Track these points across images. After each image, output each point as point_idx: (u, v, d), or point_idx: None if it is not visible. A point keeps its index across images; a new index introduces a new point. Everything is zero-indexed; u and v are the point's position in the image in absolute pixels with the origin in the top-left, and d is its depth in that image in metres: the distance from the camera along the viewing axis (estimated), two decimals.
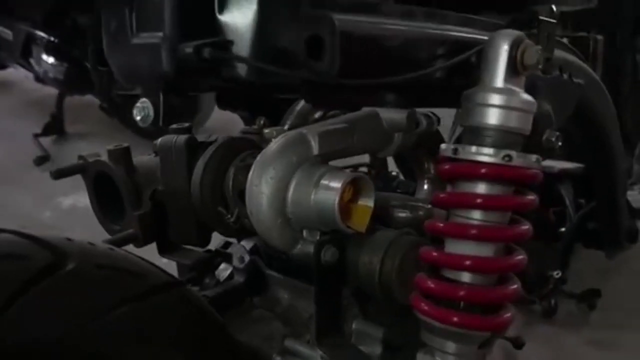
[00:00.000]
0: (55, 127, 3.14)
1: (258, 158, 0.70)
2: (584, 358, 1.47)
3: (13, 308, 0.47)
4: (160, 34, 0.50)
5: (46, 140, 3.09)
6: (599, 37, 1.28)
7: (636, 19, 1.72)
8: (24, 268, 0.50)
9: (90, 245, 0.58)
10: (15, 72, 3.53)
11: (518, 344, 1.28)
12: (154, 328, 0.57)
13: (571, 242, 1.51)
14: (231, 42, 0.51)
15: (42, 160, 2.79)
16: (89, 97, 3.13)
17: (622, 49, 1.76)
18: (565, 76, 0.78)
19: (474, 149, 0.56)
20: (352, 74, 0.50)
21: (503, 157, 0.55)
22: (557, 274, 1.46)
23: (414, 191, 0.95)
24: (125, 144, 0.85)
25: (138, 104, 0.56)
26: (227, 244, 1.01)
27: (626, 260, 1.70)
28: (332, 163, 0.76)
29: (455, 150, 0.57)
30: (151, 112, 0.55)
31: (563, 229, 1.52)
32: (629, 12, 1.72)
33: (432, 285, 0.59)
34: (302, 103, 0.94)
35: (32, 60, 2.91)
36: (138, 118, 0.56)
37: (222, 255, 0.99)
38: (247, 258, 0.94)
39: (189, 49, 0.48)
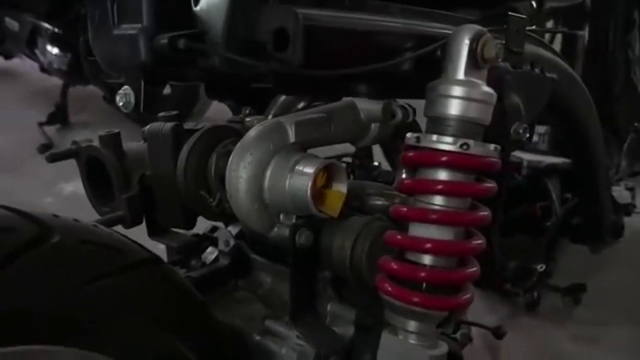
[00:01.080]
0: (59, 116, 3.19)
1: (237, 145, 0.73)
2: (566, 352, 1.51)
3: (0, 275, 0.51)
4: (139, 25, 0.54)
5: (50, 129, 3.14)
6: (580, 33, 1.30)
7: (627, 16, 1.74)
8: (11, 239, 0.54)
9: (75, 221, 0.61)
10: (21, 63, 3.59)
11: (499, 333, 1.31)
12: (132, 301, 0.61)
13: (556, 236, 1.54)
14: (205, 34, 0.55)
15: (45, 148, 2.84)
16: (92, 88, 3.17)
17: (614, 46, 1.78)
18: (537, 70, 0.82)
19: (434, 137, 0.60)
20: (315, 65, 0.53)
21: (461, 146, 0.58)
22: (540, 267, 1.49)
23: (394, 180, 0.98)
24: (116, 130, 0.89)
25: (120, 91, 0.59)
26: (214, 229, 1.06)
27: (614, 255, 1.73)
28: (318, 152, 0.80)
29: (418, 139, 0.61)
30: (132, 99, 0.58)
31: (549, 223, 1.55)
32: (621, 10, 1.74)
33: (395, 267, 0.62)
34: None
35: (37, 51, 2.96)
36: (120, 104, 0.60)
37: (209, 239, 1.03)
38: (232, 242, 0.98)
39: (164, 40, 0.52)
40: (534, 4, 1.00)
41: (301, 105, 0.97)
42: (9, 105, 3.54)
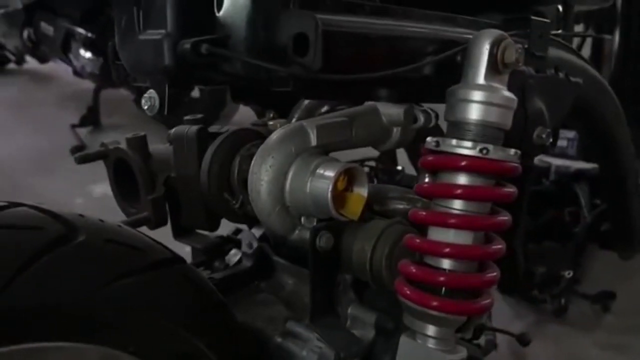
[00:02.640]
0: (91, 118, 3.27)
1: (260, 148, 0.74)
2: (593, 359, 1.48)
3: (27, 272, 0.53)
4: (163, 31, 0.55)
5: (82, 131, 3.22)
6: (608, 37, 1.28)
7: None
8: (39, 237, 0.56)
9: (100, 221, 0.63)
10: (56, 66, 3.68)
11: (524, 340, 1.30)
12: (155, 300, 0.62)
13: (584, 242, 1.52)
14: (227, 39, 0.56)
15: (77, 149, 2.91)
16: (123, 91, 3.24)
17: None
18: (561, 75, 0.81)
19: (454, 142, 0.60)
20: (335, 69, 0.54)
21: (480, 150, 0.58)
22: (568, 273, 1.47)
23: None
24: (142, 133, 0.91)
25: (145, 95, 0.61)
26: (238, 231, 1.07)
27: None
28: (342, 156, 0.80)
29: (437, 143, 0.61)
30: (157, 103, 0.60)
31: (577, 229, 1.53)
32: None
33: (414, 271, 0.62)
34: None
35: (70, 55, 3.04)
36: (145, 107, 0.61)
37: (233, 241, 1.04)
38: (255, 244, 1.00)
39: (187, 45, 0.53)
40: (560, 8, 0.99)
41: (324, 109, 0.98)
42: (43, 107, 3.64)
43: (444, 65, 0.65)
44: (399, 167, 1.07)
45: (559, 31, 1.01)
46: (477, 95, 0.59)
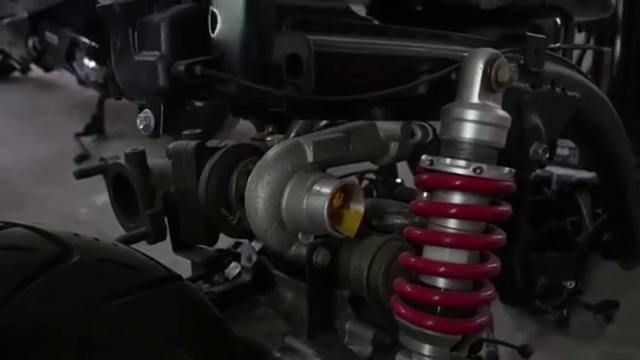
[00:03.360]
0: (95, 127, 3.29)
1: (256, 165, 0.75)
2: None
3: (22, 293, 0.53)
4: (157, 52, 0.55)
5: (87, 140, 3.24)
6: (607, 49, 1.28)
7: None
8: (33, 258, 0.56)
9: (95, 240, 0.63)
10: (61, 75, 3.70)
11: (526, 352, 1.29)
12: (150, 318, 0.63)
13: (586, 252, 1.51)
14: (221, 60, 0.56)
15: (81, 158, 2.93)
16: (128, 100, 3.26)
17: None
18: (558, 90, 0.81)
19: (448, 161, 0.60)
20: (329, 90, 0.54)
21: (474, 170, 0.58)
22: (570, 284, 1.46)
23: None
24: (141, 148, 0.91)
25: (141, 115, 0.61)
26: (237, 244, 1.07)
27: None
28: (338, 171, 0.80)
29: (431, 162, 0.61)
30: (152, 123, 0.60)
31: (579, 239, 1.52)
32: None
33: (409, 289, 0.62)
34: None
35: (75, 64, 3.06)
36: (140, 127, 0.62)
37: (232, 254, 1.04)
38: (254, 258, 1.00)
39: (181, 66, 0.54)
40: (559, 21, 0.99)
41: (323, 123, 0.98)
42: (48, 116, 3.66)
43: (438, 83, 0.65)
44: (399, 180, 1.07)
45: (558, 44, 1.01)
46: (471, 114, 0.59)
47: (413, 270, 0.63)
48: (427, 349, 0.62)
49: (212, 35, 0.57)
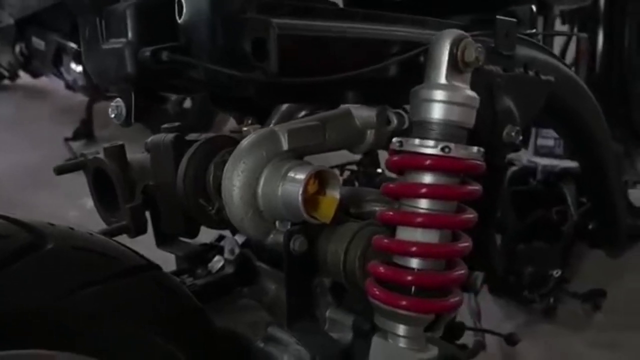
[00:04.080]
0: (84, 131, 3.28)
1: (232, 154, 0.75)
2: (584, 358, 1.48)
3: None
4: (124, 39, 0.56)
5: (76, 144, 3.23)
6: (583, 35, 1.29)
7: None
8: (6, 245, 0.56)
9: (70, 229, 0.64)
10: (49, 81, 3.70)
11: (512, 341, 1.30)
12: (126, 306, 0.63)
13: (572, 241, 1.52)
14: (188, 46, 0.57)
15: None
16: None
17: (630, 48, 1.76)
18: (531, 73, 0.81)
19: (417, 141, 0.60)
20: (294, 73, 0.55)
21: (442, 149, 0.59)
22: (556, 273, 1.47)
23: None
24: (120, 142, 0.92)
25: (112, 103, 0.62)
26: (221, 238, 1.08)
27: (636, 260, 1.69)
28: (323, 161, 0.80)
29: (401, 143, 0.62)
30: (124, 111, 0.61)
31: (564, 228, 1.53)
32: (636, 11, 1.71)
33: (382, 271, 0.63)
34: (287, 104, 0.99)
35: (62, 69, 3.06)
36: (112, 116, 0.62)
37: (216, 247, 1.05)
38: (237, 250, 1.00)
39: (147, 52, 0.54)
40: (534, 8, 1.00)
41: (302, 114, 0.99)
42: (37, 121, 3.65)
43: (408, 66, 0.66)
44: (379, 170, 1.07)
45: (533, 30, 1.02)
46: (439, 94, 0.60)
47: (386, 252, 0.64)
48: (401, 329, 0.62)
49: (179, 22, 0.57)
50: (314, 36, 0.57)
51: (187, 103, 2.84)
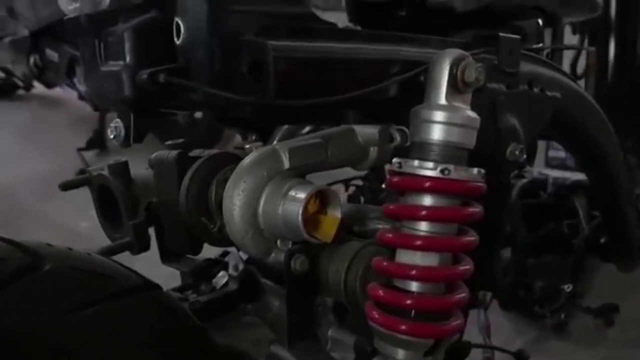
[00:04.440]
0: (97, 142, 3.31)
1: (233, 172, 0.75)
2: None
3: None
4: (122, 62, 0.56)
5: (89, 154, 3.26)
6: (591, 48, 1.27)
7: None
8: (3, 267, 0.56)
9: (68, 250, 0.64)
10: (63, 91, 3.74)
11: (522, 357, 1.28)
12: (124, 327, 0.62)
13: (583, 255, 1.49)
14: (186, 68, 0.57)
15: (83, 173, 2.94)
16: None
17: None
18: (536, 90, 0.80)
19: (416, 163, 0.60)
20: (292, 94, 0.54)
21: (442, 171, 0.58)
22: (568, 287, 1.45)
23: None
24: (124, 159, 0.92)
25: (111, 124, 0.62)
26: (225, 253, 1.07)
27: None
28: (327, 176, 0.80)
29: (400, 165, 0.61)
30: (122, 132, 0.61)
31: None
32: None
33: (381, 294, 0.62)
34: None
35: (75, 80, 3.09)
36: (112, 137, 0.62)
37: (220, 263, 1.04)
38: (241, 266, 1.00)
39: (145, 75, 0.54)
40: (541, 22, 0.99)
41: (305, 131, 0.98)
42: (51, 131, 3.70)
43: (409, 86, 0.65)
44: (384, 186, 1.06)
45: (540, 45, 1.01)
46: (439, 115, 0.59)
47: (386, 274, 0.63)
48: (400, 353, 0.61)
49: (177, 43, 0.57)
50: (311, 58, 0.57)
51: (198, 113, 2.85)
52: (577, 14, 1.26)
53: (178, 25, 0.57)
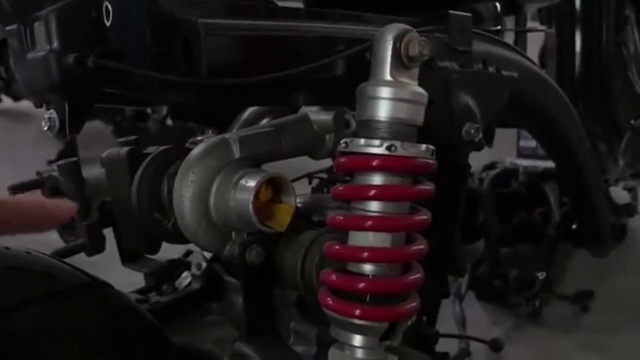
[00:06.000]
0: (69, 153, 3.25)
1: (181, 165, 0.72)
2: None
3: None
4: (49, 46, 0.53)
5: None
6: (551, 30, 1.27)
7: (619, 13, 1.71)
8: None
9: (6, 248, 0.61)
10: (30, 104, 3.68)
11: (496, 346, 1.27)
12: (69, 327, 0.60)
13: (555, 242, 1.49)
14: (118, 51, 0.54)
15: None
16: (100, 124, 3.23)
17: (608, 44, 1.75)
18: (491, 69, 0.79)
19: (362, 141, 0.58)
20: (225, 74, 0.52)
21: (388, 148, 0.56)
22: (541, 275, 1.44)
23: None
24: (74, 158, 0.89)
25: (46, 115, 0.59)
26: (188, 252, 1.05)
27: (624, 259, 1.67)
28: (291, 170, 0.77)
29: (346, 144, 0.59)
30: (57, 123, 0.58)
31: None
32: (612, 6, 1.70)
33: (334, 278, 0.60)
34: (248, 111, 0.96)
35: None
36: (45, 128, 0.59)
37: (183, 263, 1.02)
38: (204, 265, 0.97)
39: (71, 58, 0.52)
40: (498, 6, 0.98)
41: (265, 121, 0.96)
42: (20, 145, 3.63)
43: (356, 65, 0.63)
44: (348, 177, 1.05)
45: (498, 27, 1.00)
46: (384, 91, 0.57)
47: (338, 259, 0.61)
48: (357, 339, 0.59)
49: (106, 26, 0.55)
50: (245, 35, 0.55)
51: (170, 120, 2.82)
52: (537, 0, 1.26)
53: (107, 7, 0.54)
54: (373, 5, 0.77)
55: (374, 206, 0.59)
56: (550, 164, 1.61)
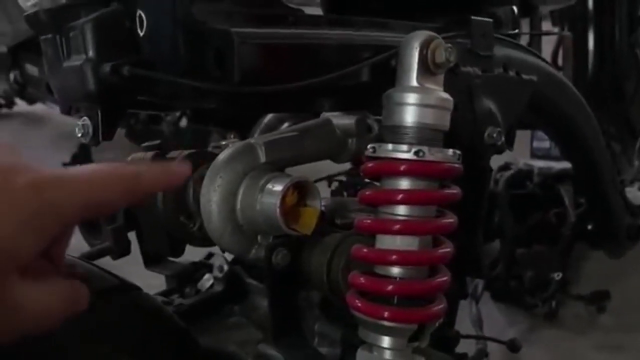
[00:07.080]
0: (83, 156, 3.28)
1: (208, 169, 0.73)
2: None
3: None
4: (84, 56, 0.55)
5: None
6: (567, 33, 1.28)
7: (632, 14, 1.71)
8: None
9: None
10: (45, 107, 3.71)
11: (514, 347, 1.27)
12: (100, 331, 0.61)
13: (571, 243, 1.49)
14: (151, 59, 0.55)
15: None
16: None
17: (621, 45, 1.75)
18: (511, 73, 0.80)
19: (390, 146, 0.59)
20: (257, 82, 0.54)
21: (416, 153, 0.57)
22: (557, 275, 1.44)
23: None
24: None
25: (79, 122, 0.60)
26: (210, 255, 1.06)
27: (637, 259, 1.66)
28: (310, 172, 0.79)
29: (374, 149, 0.60)
30: (90, 130, 0.59)
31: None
32: (624, 8, 1.70)
33: (363, 281, 0.61)
34: (269, 116, 0.98)
35: None
36: (79, 135, 0.61)
37: (206, 266, 1.03)
38: (226, 268, 0.99)
39: (107, 67, 0.53)
40: (515, 9, 0.99)
41: (285, 126, 0.97)
42: (36, 149, 3.66)
43: (382, 72, 0.64)
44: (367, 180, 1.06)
45: (516, 31, 1.01)
46: (411, 97, 0.58)
47: (366, 261, 0.62)
48: (385, 340, 0.60)
49: (140, 36, 0.56)
50: (276, 44, 0.56)
51: (183, 122, 2.84)
52: (552, 2, 1.27)
53: (141, 17, 0.55)
54: (389, 10, 0.78)
55: (402, 210, 0.60)
56: (564, 165, 1.62)
